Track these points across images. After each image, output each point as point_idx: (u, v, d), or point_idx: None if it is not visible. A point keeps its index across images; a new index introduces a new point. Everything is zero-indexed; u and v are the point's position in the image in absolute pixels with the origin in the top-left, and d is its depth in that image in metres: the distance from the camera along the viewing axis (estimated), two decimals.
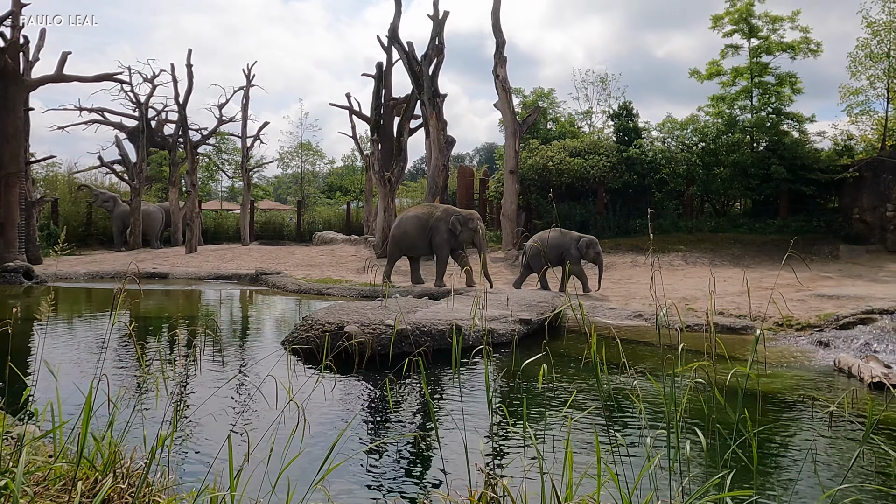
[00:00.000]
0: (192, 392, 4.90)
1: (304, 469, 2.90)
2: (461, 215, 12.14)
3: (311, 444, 3.19)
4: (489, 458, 3.20)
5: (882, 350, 7.44)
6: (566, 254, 11.33)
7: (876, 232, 16.50)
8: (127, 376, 5.32)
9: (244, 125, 26.55)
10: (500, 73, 17.58)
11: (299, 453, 2.00)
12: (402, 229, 12.47)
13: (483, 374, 5.87)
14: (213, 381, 5.33)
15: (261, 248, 22.03)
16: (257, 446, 2.14)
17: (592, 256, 11.42)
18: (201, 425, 3.77)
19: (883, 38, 17.64)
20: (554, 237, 11.53)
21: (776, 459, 3.32)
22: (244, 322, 9.49)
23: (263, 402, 4.40)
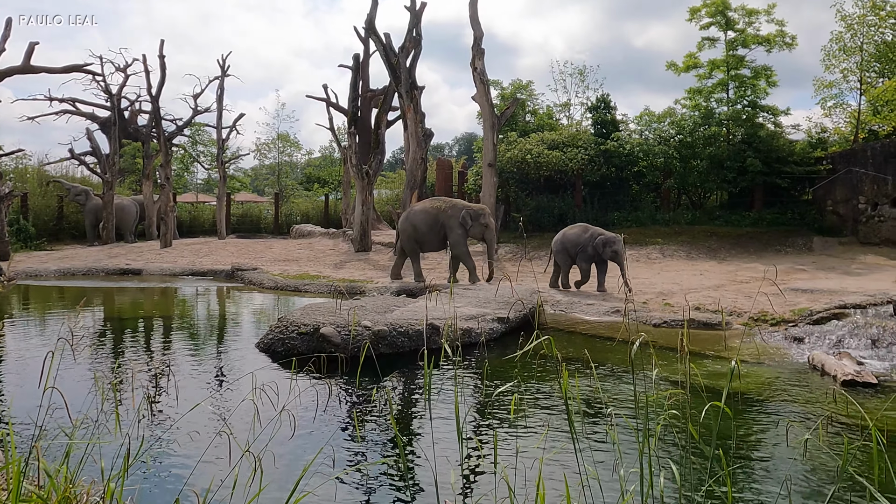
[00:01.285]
0: (159, 409, 4.78)
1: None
2: (472, 209, 11.82)
3: (275, 475, 3.11)
4: (460, 492, 3.09)
5: (854, 346, 7.53)
6: (581, 250, 10.87)
7: (849, 224, 16.74)
8: (90, 388, 5.19)
9: (219, 116, 26.15)
10: (477, 65, 17.47)
11: (260, 491, 1.92)
12: (410, 224, 12.09)
13: (462, 375, 5.84)
14: (183, 394, 5.20)
15: (237, 241, 21.76)
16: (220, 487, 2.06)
17: (609, 255, 10.68)
18: (167, 452, 3.66)
19: (856, 32, 17.85)
20: (574, 233, 11.06)
21: (751, 487, 3.32)
22: (218, 323, 9.34)
23: (238, 419, 4.31)
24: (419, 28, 17.70)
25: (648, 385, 5.58)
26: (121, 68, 27.61)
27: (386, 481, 3.28)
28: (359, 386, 5.35)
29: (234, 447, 2.29)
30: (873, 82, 18.92)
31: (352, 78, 22.82)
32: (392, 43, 17.78)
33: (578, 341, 8.06)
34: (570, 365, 6.58)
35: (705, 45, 19.29)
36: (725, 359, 6.85)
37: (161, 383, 5.51)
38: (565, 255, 11.07)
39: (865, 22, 17.82)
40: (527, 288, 10.95)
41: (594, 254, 10.76)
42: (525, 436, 3.74)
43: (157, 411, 4.44)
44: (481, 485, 3.11)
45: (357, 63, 22.87)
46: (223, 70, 25.85)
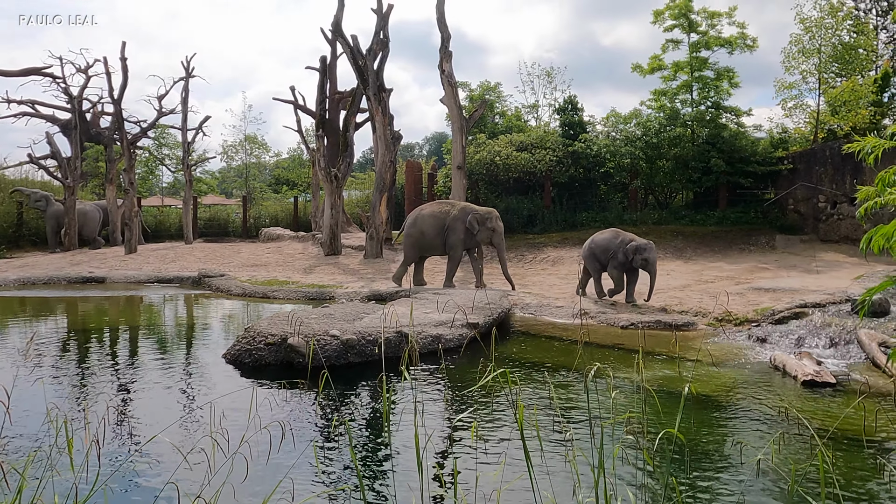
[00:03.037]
0: (118, 436, 4.68)
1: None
2: (479, 214, 11.61)
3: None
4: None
5: (814, 345, 7.71)
6: (612, 256, 10.31)
7: (809, 222, 17.15)
8: (46, 413, 5.07)
9: (184, 118, 25.71)
10: (445, 67, 17.48)
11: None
12: (418, 229, 11.88)
13: (434, 384, 5.83)
14: (145, 418, 5.10)
15: (205, 246, 21.43)
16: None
17: (640, 263, 10.09)
18: (131, 477, 3.59)
19: (814, 35, 18.27)
20: (604, 239, 10.53)
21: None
22: (184, 333, 9.19)
23: (197, 452, 4.25)
24: (386, 30, 17.64)
25: (617, 388, 5.65)
26: (82, 69, 27.00)
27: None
28: (318, 402, 5.30)
29: (194, 481, 2.25)
30: (831, 83, 19.40)
31: (319, 80, 22.64)
32: (359, 45, 17.69)
33: (546, 345, 8.12)
34: (537, 370, 6.63)
35: (669, 47, 19.58)
36: (690, 360, 6.95)
37: (122, 405, 5.39)
38: (594, 262, 10.59)
39: (823, 24, 18.25)
40: (498, 291, 11.00)
41: (625, 260, 10.17)
42: (489, 460, 3.75)
43: (117, 438, 4.33)
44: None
45: (324, 65, 22.69)
46: (187, 71, 25.43)
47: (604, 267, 10.54)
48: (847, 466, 3.91)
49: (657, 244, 16.96)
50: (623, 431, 4.29)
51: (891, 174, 1.46)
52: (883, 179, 1.48)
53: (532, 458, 3.32)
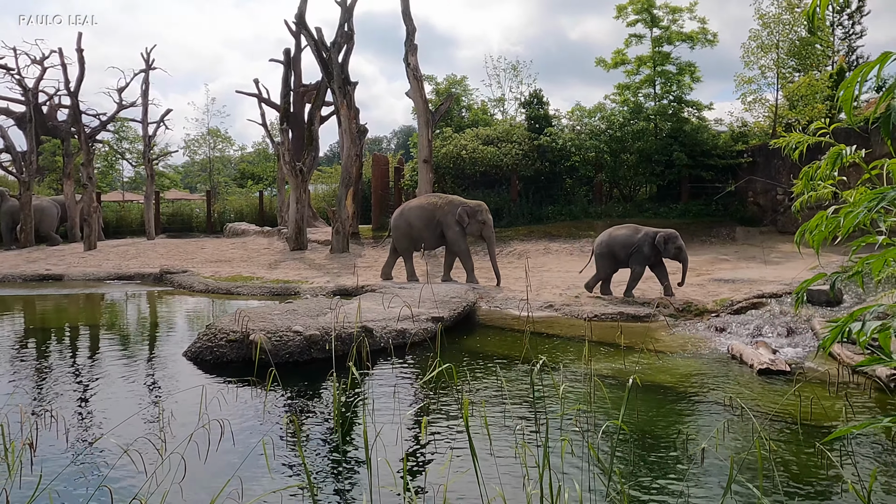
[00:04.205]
0: (70, 437, 4.58)
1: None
2: (469, 206, 11.49)
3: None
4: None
5: (771, 334, 7.90)
6: (635, 252, 9.91)
7: (768, 214, 17.57)
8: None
9: (145, 111, 25.19)
10: (411, 60, 17.40)
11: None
12: (405, 220, 11.69)
13: (393, 379, 5.82)
14: (98, 416, 5.00)
15: (168, 241, 21.05)
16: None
17: (673, 252, 9.81)
18: (73, 479, 3.51)
19: (773, 31, 18.67)
20: (625, 234, 10.12)
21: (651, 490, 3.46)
22: (144, 331, 9.02)
23: (150, 435, 4.18)
24: (351, 23, 17.49)
25: (569, 380, 5.72)
26: (37, 61, 26.16)
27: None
28: (271, 399, 5.26)
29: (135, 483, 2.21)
30: (789, 78, 19.86)
31: (283, 73, 22.36)
32: (324, 37, 17.51)
33: (509, 338, 8.17)
34: (499, 363, 6.67)
35: (632, 42, 19.80)
36: (651, 351, 7.07)
37: (74, 405, 5.27)
38: (610, 260, 10.13)
39: (781, 20, 18.66)
40: (464, 285, 11.03)
41: (650, 254, 9.87)
42: (440, 454, 3.76)
43: (63, 439, 4.22)
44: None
45: (288, 58, 22.42)
46: (147, 63, 24.90)
47: (621, 264, 10.15)
48: (787, 451, 4.03)
49: None
50: (572, 423, 4.35)
51: (814, 169, 1.50)
52: (807, 174, 1.52)
53: (483, 451, 3.35)
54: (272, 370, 2.85)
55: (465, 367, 6.37)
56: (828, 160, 1.39)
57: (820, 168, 1.45)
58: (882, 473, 3.67)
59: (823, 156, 1.38)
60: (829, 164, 1.39)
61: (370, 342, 7.03)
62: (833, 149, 1.35)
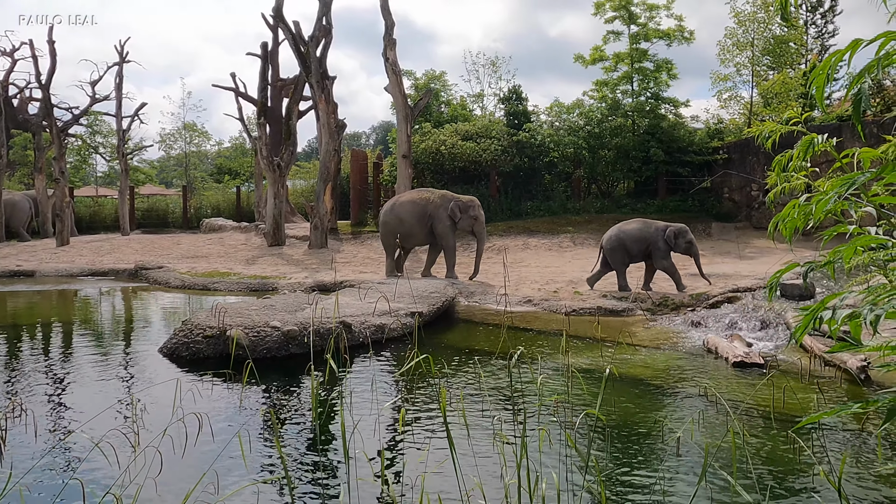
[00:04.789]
0: (38, 432, 4.50)
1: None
2: (461, 201, 11.41)
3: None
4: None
5: (745, 328, 8.01)
6: (653, 247, 9.85)
7: (743, 210, 17.81)
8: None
9: (119, 104, 24.78)
10: (389, 55, 17.33)
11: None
12: (396, 216, 11.56)
13: (372, 373, 5.80)
14: (70, 412, 4.92)
15: (142, 237, 20.76)
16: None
17: (684, 247, 9.85)
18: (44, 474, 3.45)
19: (748, 29, 18.90)
20: (636, 229, 10.04)
21: (629, 481, 3.50)
22: (118, 327, 8.89)
23: (126, 430, 4.12)
24: (329, 16, 17.36)
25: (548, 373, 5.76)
26: (7, 52, 25.65)
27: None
28: (247, 393, 5.22)
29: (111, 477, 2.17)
30: (764, 75, 20.15)
31: (261, 67, 22.15)
32: (302, 31, 17.36)
33: (488, 333, 8.19)
34: (478, 356, 6.69)
35: (610, 39, 19.92)
36: (628, 345, 7.13)
37: (47, 401, 5.18)
38: (623, 254, 10.00)
39: (756, 18, 18.90)
40: (443, 281, 11.03)
41: (667, 248, 9.82)
42: (419, 446, 3.76)
43: (37, 434, 4.15)
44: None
45: (266, 52, 22.21)
46: (121, 56, 24.50)
47: (634, 259, 10.06)
48: (761, 440, 4.11)
49: (600, 232, 17.29)
50: (550, 414, 4.39)
51: (786, 158, 1.52)
52: (780, 163, 1.54)
53: (462, 442, 3.36)
54: (249, 363, 2.82)
55: (445, 361, 6.38)
56: (800, 149, 1.41)
57: (793, 157, 1.47)
58: (852, 460, 3.75)
59: (797, 144, 1.40)
60: (802, 153, 1.41)
61: (349, 337, 7.00)
62: (805, 137, 1.37)
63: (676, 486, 3.33)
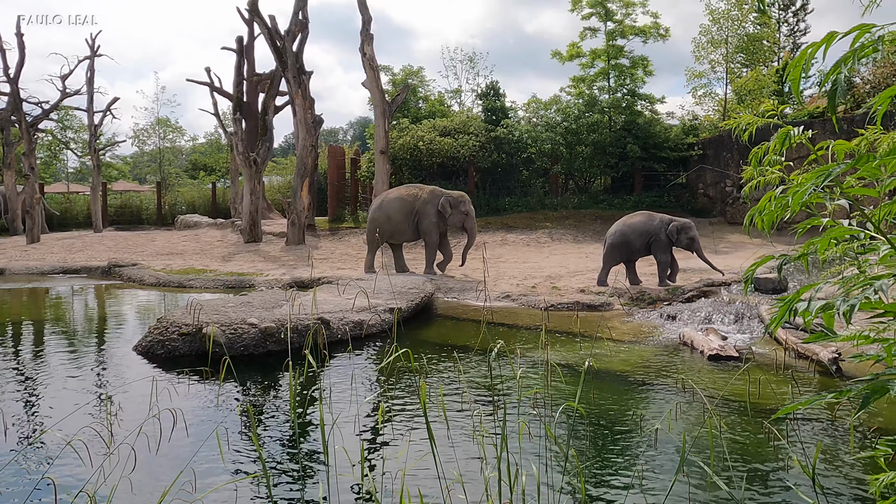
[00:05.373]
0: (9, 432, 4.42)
1: None
2: (452, 197, 11.31)
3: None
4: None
5: (720, 321, 8.13)
6: (654, 239, 9.81)
7: (717, 205, 18.05)
8: None
9: (90, 99, 24.32)
10: (367, 50, 17.23)
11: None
12: (384, 212, 11.44)
13: (350, 369, 5.78)
14: (44, 408, 4.83)
15: (116, 234, 20.43)
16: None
17: (685, 243, 9.75)
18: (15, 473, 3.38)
19: (722, 26, 19.15)
20: (640, 222, 10.02)
21: (607, 474, 3.53)
22: (91, 325, 8.74)
23: (100, 429, 4.06)
24: (305, 11, 17.21)
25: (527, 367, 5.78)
26: None
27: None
28: (225, 390, 5.17)
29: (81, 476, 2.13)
30: (738, 73, 20.43)
31: (236, 61, 21.90)
32: (277, 25, 17.19)
33: (467, 328, 8.21)
34: (457, 351, 6.69)
35: (587, 35, 20.04)
36: (606, 339, 7.19)
37: (17, 401, 5.08)
38: (627, 249, 9.96)
39: (730, 16, 19.15)
40: (422, 276, 11.02)
41: (668, 242, 9.78)
42: (398, 441, 3.76)
43: (5, 434, 4.06)
44: (350, 499, 3.04)
45: (241, 46, 21.95)
46: (92, 50, 24.04)
47: (639, 252, 10.00)
48: (737, 431, 4.18)
49: (577, 228, 17.50)
50: (530, 407, 4.41)
51: (762, 151, 1.54)
52: (756, 155, 1.56)
53: (443, 436, 3.36)
54: (226, 360, 2.79)
55: (424, 356, 6.37)
56: (777, 141, 1.43)
57: (769, 149, 1.49)
58: (825, 449, 3.83)
59: (773, 137, 1.42)
60: (778, 145, 1.43)
61: (327, 333, 6.97)
62: (781, 130, 1.39)
63: (654, 478, 3.37)
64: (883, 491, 1.39)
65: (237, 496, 2.97)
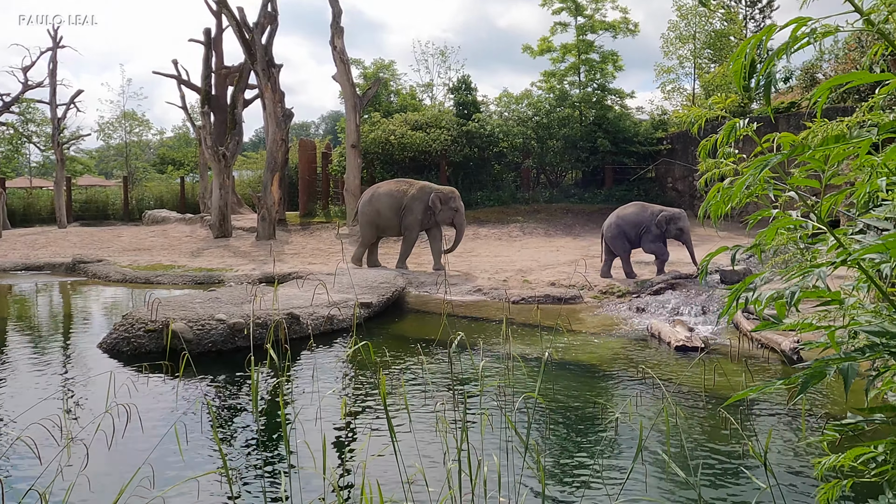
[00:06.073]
0: None
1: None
2: (442, 193, 11.18)
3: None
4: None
5: (687, 313, 8.26)
6: (644, 230, 9.84)
7: (686, 199, 18.30)
8: None
9: (53, 92, 23.77)
10: (337, 43, 17.10)
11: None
12: (374, 208, 11.34)
13: (317, 365, 5.75)
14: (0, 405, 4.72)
15: (81, 230, 20.02)
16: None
17: (675, 233, 9.81)
18: None
19: (690, 22, 19.39)
20: (632, 213, 10.02)
21: (566, 463, 3.58)
22: (55, 323, 8.56)
23: (65, 426, 3.99)
24: (275, 3, 17.00)
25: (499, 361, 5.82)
26: None
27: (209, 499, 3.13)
28: (180, 380, 5.11)
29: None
30: (706, 68, 20.71)
31: (204, 54, 21.55)
32: (246, 18, 16.95)
33: (436, 322, 8.22)
34: (424, 345, 6.71)
35: (558, 30, 20.14)
36: (575, 332, 7.27)
37: None
38: (622, 240, 9.98)
39: (697, 12, 19.40)
40: (393, 270, 11.00)
41: (658, 232, 9.84)
42: (362, 434, 3.76)
43: None
44: (312, 494, 3.02)
45: (209, 38, 21.61)
46: (55, 41, 23.47)
47: (633, 243, 10.05)
48: (695, 418, 4.27)
49: (548, 222, 17.61)
50: (492, 399, 4.45)
51: (710, 143, 1.57)
52: (704, 147, 1.59)
53: (405, 428, 3.37)
54: (185, 354, 2.76)
55: (394, 350, 6.37)
56: (724, 133, 1.46)
57: (718, 141, 1.52)
58: (779, 435, 3.94)
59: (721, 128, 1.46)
60: (725, 137, 1.46)
61: (297, 329, 6.93)
62: (728, 122, 1.42)
63: (614, 464, 3.44)
64: (826, 473, 1.43)
65: (199, 492, 2.95)
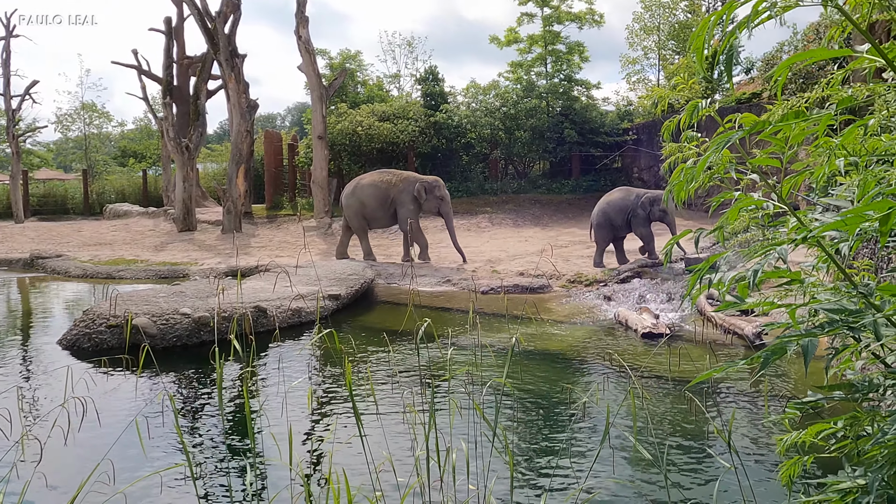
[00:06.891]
0: None
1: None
2: (426, 182, 11.14)
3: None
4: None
5: (653, 300, 8.37)
6: (632, 215, 9.77)
7: (651, 188, 18.48)
8: None
9: (7, 83, 23.02)
10: (302, 33, 16.86)
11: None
12: (357, 199, 11.22)
13: (284, 357, 5.69)
14: None
15: (39, 225, 19.48)
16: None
17: (658, 215, 9.71)
18: None
19: (654, 14, 19.59)
20: (618, 198, 9.97)
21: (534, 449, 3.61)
22: (12, 320, 8.30)
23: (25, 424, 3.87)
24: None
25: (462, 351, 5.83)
26: None
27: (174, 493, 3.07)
28: (139, 375, 5.02)
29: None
30: (670, 59, 20.95)
31: (165, 43, 21.07)
32: (208, 6, 16.61)
33: (404, 313, 8.19)
34: (393, 336, 6.69)
35: (524, 20, 20.17)
36: (544, 321, 7.31)
37: None
38: (610, 228, 10.02)
39: (661, 4, 19.61)
40: (362, 262, 10.93)
41: (645, 215, 9.75)
42: (328, 424, 3.73)
43: None
44: (278, 485, 2.99)
45: (170, 27, 21.13)
46: (8, 30, 22.71)
47: (622, 229, 10.02)
48: (661, 402, 4.35)
49: (517, 212, 17.67)
50: (460, 386, 4.46)
51: (673, 124, 1.58)
52: (668, 128, 1.60)
53: (372, 417, 3.35)
54: (145, 346, 2.69)
55: (361, 340, 6.34)
56: (686, 114, 1.47)
57: (679, 121, 1.52)
58: (743, 416, 4.03)
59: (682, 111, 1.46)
60: (687, 118, 1.46)
61: (265, 322, 6.84)
62: (690, 103, 1.43)
63: (582, 448, 3.47)
64: (787, 450, 1.46)
65: (162, 487, 2.89)
